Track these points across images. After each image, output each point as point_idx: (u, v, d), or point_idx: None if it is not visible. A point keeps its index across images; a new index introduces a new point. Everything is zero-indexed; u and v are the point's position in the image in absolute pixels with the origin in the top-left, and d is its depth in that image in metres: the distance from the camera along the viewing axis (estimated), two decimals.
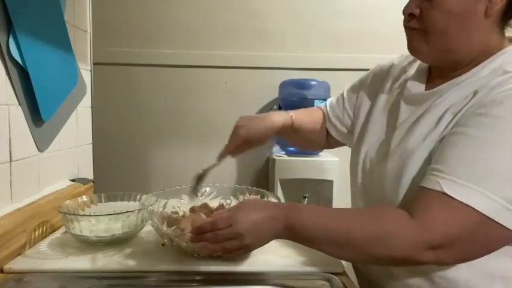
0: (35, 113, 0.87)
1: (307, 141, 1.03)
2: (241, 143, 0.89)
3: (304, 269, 0.72)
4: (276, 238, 0.68)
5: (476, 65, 0.68)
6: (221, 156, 0.90)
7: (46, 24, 0.93)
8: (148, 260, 0.74)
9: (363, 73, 0.98)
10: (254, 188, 0.93)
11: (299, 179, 1.62)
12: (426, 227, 0.58)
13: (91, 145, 1.23)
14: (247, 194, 0.94)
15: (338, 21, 1.86)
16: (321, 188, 1.60)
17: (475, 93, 0.64)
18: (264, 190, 0.91)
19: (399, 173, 0.69)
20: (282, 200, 0.83)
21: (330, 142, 1.02)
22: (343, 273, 0.71)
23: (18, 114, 0.82)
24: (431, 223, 0.59)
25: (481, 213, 0.56)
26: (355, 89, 0.94)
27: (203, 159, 1.91)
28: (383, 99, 0.83)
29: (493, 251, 0.61)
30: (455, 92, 0.67)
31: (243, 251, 0.68)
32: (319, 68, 1.90)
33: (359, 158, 0.83)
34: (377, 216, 0.64)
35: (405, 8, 0.70)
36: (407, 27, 0.71)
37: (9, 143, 0.78)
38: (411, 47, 0.72)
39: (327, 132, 1.00)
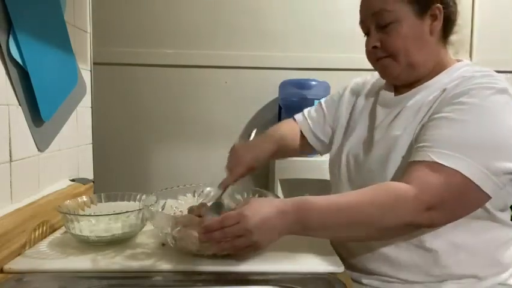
0: (35, 113, 0.87)
1: (285, 154, 1.11)
2: (245, 170, 0.92)
3: (304, 269, 0.72)
4: (287, 233, 0.69)
5: (434, 76, 0.81)
6: (224, 185, 0.90)
7: (46, 24, 0.93)
8: (148, 260, 0.74)
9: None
10: (254, 188, 0.93)
11: (299, 179, 1.62)
12: (422, 189, 0.66)
13: (91, 145, 1.23)
14: (246, 194, 0.93)
15: (338, 21, 1.86)
16: (321, 188, 1.60)
17: (442, 92, 0.76)
18: (264, 190, 0.91)
19: (385, 159, 0.77)
20: None
21: (304, 148, 1.07)
22: (343, 273, 0.71)
23: (18, 114, 0.82)
24: (426, 187, 0.66)
25: (467, 177, 0.65)
26: (334, 101, 1.03)
27: (203, 159, 1.92)
28: (360, 105, 0.94)
29: (470, 212, 0.71)
30: (424, 94, 0.80)
31: (252, 248, 0.68)
32: (319, 68, 1.90)
33: (341, 157, 0.90)
34: (381, 189, 0.69)
35: (367, 45, 0.83)
36: (378, 59, 0.83)
37: (9, 143, 0.78)
38: (386, 74, 0.84)
39: (304, 141, 1.06)
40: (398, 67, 0.81)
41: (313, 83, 1.69)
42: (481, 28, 1.96)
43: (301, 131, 1.06)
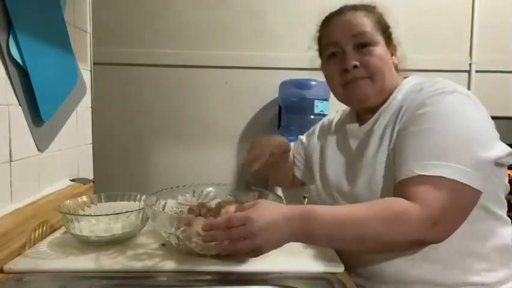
0: (35, 113, 0.87)
1: (282, 175, 1.13)
2: (269, 154, 0.93)
3: (304, 269, 0.72)
4: (291, 241, 0.68)
5: (389, 97, 0.85)
6: (252, 168, 0.91)
7: (46, 24, 0.93)
8: (148, 260, 0.74)
9: None
10: (254, 188, 0.93)
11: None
12: (423, 205, 0.66)
13: (91, 145, 1.23)
14: (246, 194, 0.93)
15: None
16: None
17: (400, 109, 0.79)
18: (265, 190, 0.91)
19: (368, 185, 0.79)
20: (283, 199, 0.83)
21: (294, 180, 1.12)
22: (343, 273, 0.71)
23: (18, 114, 0.82)
24: (425, 201, 0.66)
25: (451, 180, 0.66)
26: (308, 137, 1.09)
27: (203, 159, 1.92)
28: (332, 142, 0.97)
29: (468, 214, 0.70)
30: (383, 118, 0.83)
31: (254, 253, 0.67)
32: (319, 68, 1.90)
33: (324, 191, 0.94)
34: (387, 205, 0.69)
35: (346, 65, 0.83)
36: (356, 79, 0.83)
37: (9, 143, 0.78)
38: (361, 95, 0.84)
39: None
40: (373, 89, 0.83)
41: (313, 83, 1.69)
42: (481, 28, 1.96)
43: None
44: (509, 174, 1.53)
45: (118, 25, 1.88)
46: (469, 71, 1.98)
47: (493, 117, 0.76)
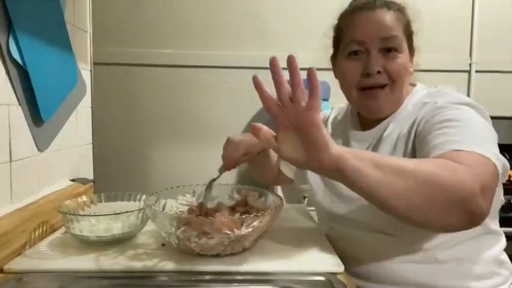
0: (35, 113, 0.87)
1: (263, 171, 1.09)
2: (242, 154, 0.91)
3: (304, 269, 0.72)
4: (333, 151, 0.55)
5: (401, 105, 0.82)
6: (223, 170, 0.91)
7: (46, 24, 0.93)
8: (148, 260, 0.74)
9: None
10: (254, 188, 0.93)
11: None
12: (473, 170, 0.58)
13: (91, 145, 1.23)
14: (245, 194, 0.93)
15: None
16: None
17: (415, 118, 0.76)
18: (265, 190, 0.91)
19: None
20: (283, 200, 0.83)
21: (281, 178, 1.08)
22: (343, 273, 0.71)
23: (18, 114, 0.82)
24: (475, 167, 0.58)
25: (491, 161, 0.60)
26: None
27: (203, 159, 1.92)
28: None
29: (494, 194, 0.62)
30: (395, 125, 0.79)
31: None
32: (319, 68, 1.89)
33: (322, 187, 0.89)
34: (438, 157, 0.62)
35: (370, 69, 0.77)
36: (376, 87, 0.78)
37: (9, 143, 0.78)
38: (377, 107, 0.80)
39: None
40: (390, 99, 0.79)
41: None
42: (481, 28, 1.96)
43: None
44: (509, 175, 1.53)
45: (118, 25, 1.88)
46: (469, 71, 1.98)
47: (493, 117, 0.76)
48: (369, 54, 0.78)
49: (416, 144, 0.74)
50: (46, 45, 0.92)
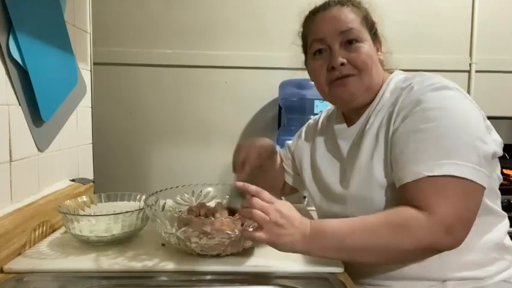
0: (35, 113, 0.87)
1: (271, 180, 1.08)
2: (256, 156, 0.92)
3: (304, 269, 0.72)
4: (302, 245, 0.68)
5: (375, 93, 0.83)
6: (242, 175, 0.90)
7: (46, 24, 0.93)
8: (148, 260, 0.74)
9: None
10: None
11: None
12: (434, 211, 0.65)
13: (91, 145, 1.23)
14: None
15: None
16: None
17: (393, 108, 0.77)
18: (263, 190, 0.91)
19: (365, 186, 0.78)
20: (283, 199, 0.83)
21: (285, 188, 1.10)
22: (343, 273, 0.71)
23: (18, 114, 0.82)
24: (436, 207, 0.65)
25: (462, 178, 0.65)
26: (295, 141, 1.06)
27: (203, 159, 1.92)
28: (321, 145, 0.95)
29: (477, 212, 0.69)
30: (375, 117, 0.81)
31: (272, 235, 0.66)
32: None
33: (317, 191, 0.92)
34: (395, 212, 0.68)
35: (333, 62, 0.80)
36: (343, 77, 0.81)
37: (9, 143, 0.78)
38: (348, 95, 0.82)
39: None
40: (360, 87, 0.81)
41: (314, 83, 1.69)
42: (481, 28, 1.96)
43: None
44: (508, 175, 1.53)
45: (118, 25, 1.88)
46: (469, 71, 1.98)
47: (493, 117, 0.76)
48: (332, 49, 0.81)
49: (392, 140, 0.75)
50: (46, 45, 0.92)
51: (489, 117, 0.77)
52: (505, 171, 1.53)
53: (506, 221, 0.82)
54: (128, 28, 1.89)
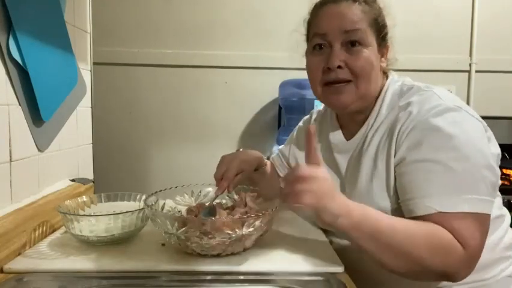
0: (35, 113, 0.87)
1: (266, 188, 1.03)
2: (236, 172, 0.89)
3: (304, 269, 0.72)
4: (338, 215, 0.65)
5: (372, 101, 0.80)
6: (219, 191, 0.87)
7: (46, 24, 0.93)
8: (148, 260, 0.74)
9: None
10: (252, 188, 0.93)
11: None
12: (469, 246, 0.64)
13: (91, 145, 1.23)
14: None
15: None
16: None
17: (392, 129, 0.74)
18: None
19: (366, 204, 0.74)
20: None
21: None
22: (343, 273, 0.71)
23: (18, 114, 0.82)
24: (467, 239, 0.64)
25: (475, 213, 0.65)
26: (288, 146, 1.05)
27: (203, 159, 1.92)
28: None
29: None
30: (373, 136, 0.78)
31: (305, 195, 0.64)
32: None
33: None
34: (435, 231, 0.65)
35: (330, 63, 0.76)
36: (338, 82, 0.77)
37: (9, 143, 0.78)
38: (340, 102, 0.79)
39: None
40: (354, 95, 0.77)
41: None
42: (481, 28, 1.96)
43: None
44: (508, 175, 1.53)
45: (118, 25, 1.88)
46: (469, 71, 1.99)
47: (493, 117, 0.76)
48: (332, 47, 0.77)
49: (399, 170, 0.72)
50: (46, 45, 0.92)
51: (489, 117, 0.76)
52: (505, 171, 1.53)
53: (507, 219, 0.82)
54: (128, 28, 1.89)
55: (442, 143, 0.67)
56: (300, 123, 1.06)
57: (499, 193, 0.80)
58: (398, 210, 0.73)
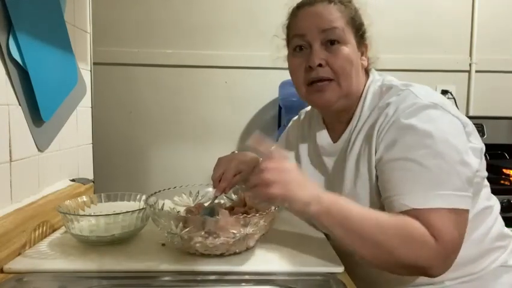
0: (35, 113, 0.87)
1: None
2: (235, 173, 0.89)
3: (304, 269, 0.72)
4: (306, 199, 0.66)
5: (356, 100, 0.82)
6: (218, 192, 0.89)
7: (46, 24, 0.93)
8: (148, 260, 0.74)
9: None
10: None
11: None
12: (439, 236, 0.64)
13: (91, 145, 1.23)
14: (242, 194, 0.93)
15: None
16: None
17: (372, 130, 0.76)
18: None
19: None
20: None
21: None
22: (343, 273, 0.71)
23: (18, 114, 0.82)
24: (440, 233, 0.64)
25: (451, 209, 0.65)
26: (281, 143, 1.06)
27: (203, 159, 1.92)
28: (304, 155, 0.94)
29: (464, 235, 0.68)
30: (356, 138, 0.79)
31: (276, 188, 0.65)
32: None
33: None
34: (406, 222, 0.66)
35: (311, 62, 0.78)
36: (320, 80, 0.78)
37: (9, 143, 0.78)
38: (324, 101, 0.80)
39: None
40: (338, 93, 0.79)
41: None
42: (481, 28, 1.96)
43: None
44: (508, 174, 1.53)
45: (117, 25, 1.88)
46: (469, 71, 1.98)
47: (493, 117, 0.76)
48: (312, 47, 0.79)
49: (378, 168, 0.74)
50: (46, 45, 0.92)
51: (489, 117, 0.76)
52: (505, 171, 1.53)
53: (496, 209, 0.82)
54: (128, 28, 1.89)
55: (416, 141, 0.69)
56: (290, 126, 1.06)
57: (487, 183, 0.81)
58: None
